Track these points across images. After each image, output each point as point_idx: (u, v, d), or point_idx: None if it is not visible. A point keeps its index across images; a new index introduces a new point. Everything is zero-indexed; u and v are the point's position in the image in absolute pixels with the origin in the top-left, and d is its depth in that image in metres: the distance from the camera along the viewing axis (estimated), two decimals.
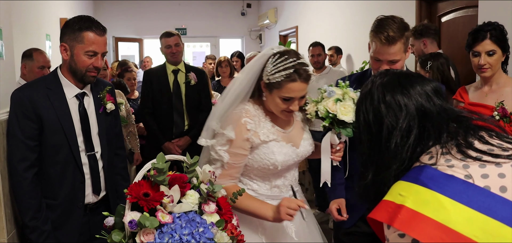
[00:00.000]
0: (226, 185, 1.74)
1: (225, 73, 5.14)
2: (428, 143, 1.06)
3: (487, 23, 2.32)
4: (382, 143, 1.09)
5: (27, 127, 1.85)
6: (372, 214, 1.02)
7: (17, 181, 1.87)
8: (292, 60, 1.69)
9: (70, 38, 1.91)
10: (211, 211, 1.36)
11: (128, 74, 4.70)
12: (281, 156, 1.79)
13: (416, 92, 1.10)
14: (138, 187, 1.30)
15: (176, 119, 3.66)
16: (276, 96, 1.74)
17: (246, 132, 1.75)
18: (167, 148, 3.57)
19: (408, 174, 1.03)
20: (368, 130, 1.14)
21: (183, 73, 3.69)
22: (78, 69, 1.93)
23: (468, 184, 0.95)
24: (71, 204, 1.97)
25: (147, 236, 1.24)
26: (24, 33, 4.62)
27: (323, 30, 6.49)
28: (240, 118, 1.76)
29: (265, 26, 9.47)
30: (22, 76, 3.37)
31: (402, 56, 1.96)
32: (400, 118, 1.08)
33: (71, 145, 1.93)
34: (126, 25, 9.62)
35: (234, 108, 1.80)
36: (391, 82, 1.13)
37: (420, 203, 0.94)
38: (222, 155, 1.75)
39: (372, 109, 1.13)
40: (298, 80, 1.70)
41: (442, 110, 1.09)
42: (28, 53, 3.39)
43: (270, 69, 1.72)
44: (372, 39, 1.98)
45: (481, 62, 2.28)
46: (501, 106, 2.24)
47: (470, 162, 0.99)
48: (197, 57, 10.57)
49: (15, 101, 1.88)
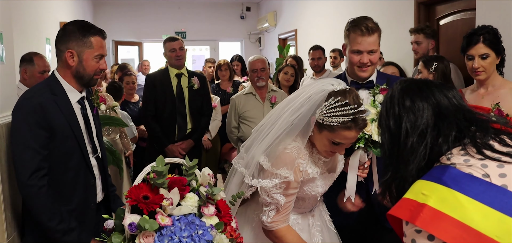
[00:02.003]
0: (281, 228, 1.72)
1: (225, 76, 5.15)
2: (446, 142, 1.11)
3: (481, 26, 2.34)
4: (401, 143, 1.16)
5: (40, 136, 1.80)
6: (393, 211, 1.06)
7: (34, 192, 1.79)
8: (352, 108, 1.59)
9: (78, 44, 1.89)
10: (210, 214, 1.36)
11: (128, 77, 4.73)
12: (322, 188, 1.81)
13: (435, 95, 1.17)
14: (138, 189, 1.31)
15: (179, 122, 3.70)
16: (326, 138, 1.66)
17: (299, 174, 1.70)
18: (171, 151, 3.61)
19: (431, 173, 1.07)
20: (389, 132, 1.21)
21: (186, 77, 3.75)
22: (87, 74, 1.93)
23: (489, 184, 0.98)
24: (85, 207, 1.97)
25: (146, 239, 1.25)
26: (23, 37, 4.64)
27: (322, 33, 6.51)
28: (294, 159, 1.67)
29: (264, 29, 9.50)
30: (22, 81, 3.38)
31: (378, 48, 2.12)
32: (418, 118, 1.15)
33: (82, 149, 1.93)
34: (126, 29, 9.64)
35: (284, 145, 1.68)
36: (410, 87, 1.21)
37: (441, 202, 0.97)
38: (278, 199, 1.67)
39: (392, 113, 1.20)
40: (354, 129, 1.61)
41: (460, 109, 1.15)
42: (28, 58, 3.39)
43: (327, 110, 1.62)
44: (349, 35, 2.13)
45: (475, 66, 2.30)
46: (497, 108, 2.25)
47: (488, 161, 1.03)
48: (196, 60, 10.58)
49: (26, 110, 1.81)
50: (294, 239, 1.74)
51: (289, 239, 1.72)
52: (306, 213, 1.90)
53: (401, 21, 4.24)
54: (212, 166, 4.41)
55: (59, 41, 1.92)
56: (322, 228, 1.91)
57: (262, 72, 3.65)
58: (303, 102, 1.69)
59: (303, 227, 1.87)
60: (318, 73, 5.10)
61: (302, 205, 1.87)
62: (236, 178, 1.83)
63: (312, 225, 1.90)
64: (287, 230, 1.73)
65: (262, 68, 3.66)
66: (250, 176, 1.72)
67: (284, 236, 1.72)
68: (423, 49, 3.52)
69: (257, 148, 1.74)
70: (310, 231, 1.88)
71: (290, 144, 1.68)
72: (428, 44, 3.50)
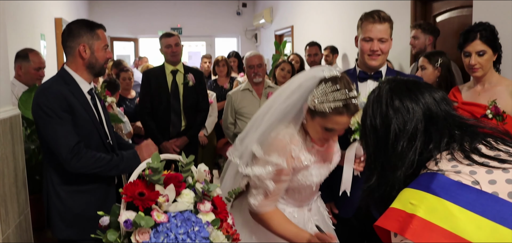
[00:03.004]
0: (268, 210, 1.72)
1: (222, 72, 5.14)
2: (434, 147, 1.06)
3: (478, 23, 2.34)
4: (389, 146, 1.10)
5: (66, 119, 1.98)
6: (380, 222, 1.00)
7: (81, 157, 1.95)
8: (344, 93, 1.59)
9: (88, 38, 2.09)
10: (207, 210, 1.36)
11: (124, 74, 4.71)
12: (317, 178, 1.79)
13: (425, 97, 1.11)
14: (133, 186, 1.30)
15: (173, 119, 3.68)
16: (318, 124, 1.66)
17: (292, 160, 1.69)
18: (165, 148, 3.59)
19: (418, 181, 1.02)
20: (375, 133, 1.14)
21: (182, 74, 3.72)
22: (99, 64, 2.13)
23: (480, 192, 0.94)
24: (106, 185, 2.15)
25: (142, 236, 1.24)
26: (18, 33, 4.60)
27: (318, 30, 6.50)
28: (286, 145, 1.67)
29: (260, 25, 9.48)
30: (17, 77, 3.35)
31: (388, 38, 2.15)
32: (407, 122, 1.09)
33: (100, 132, 2.12)
34: (122, 25, 9.60)
35: (277, 132, 1.69)
36: (399, 87, 1.15)
37: (431, 212, 0.93)
38: (267, 184, 1.68)
39: (379, 112, 1.14)
40: (346, 114, 1.61)
41: (449, 115, 1.10)
42: (23, 54, 3.37)
43: (318, 96, 1.62)
44: (361, 24, 2.17)
45: (472, 63, 2.30)
46: (494, 105, 2.26)
47: (476, 167, 0.98)
48: (192, 56, 10.55)
49: (48, 98, 1.97)
50: (281, 221, 1.73)
51: (276, 221, 1.72)
52: (303, 207, 1.89)
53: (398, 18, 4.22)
54: (208, 162, 4.40)
55: (68, 39, 2.09)
56: (319, 223, 1.90)
57: (259, 69, 3.64)
58: (294, 90, 1.70)
59: (299, 221, 1.86)
60: None
61: (298, 198, 1.86)
62: (231, 169, 1.84)
63: (308, 220, 1.89)
64: (274, 212, 1.73)
65: (258, 64, 3.65)
66: (244, 165, 1.73)
67: (270, 219, 1.71)
68: (421, 44, 3.52)
69: (250, 138, 1.75)
70: (306, 225, 1.87)
71: (282, 130, 1.69)
72: (426, 40, 3.51)
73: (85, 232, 2.02)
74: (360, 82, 2.23)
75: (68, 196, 2.06)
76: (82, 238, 2.05)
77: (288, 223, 1.74)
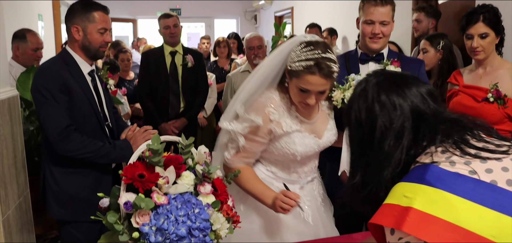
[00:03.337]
0: (239, 166, 1.75)
1: (223, 53, 5.10)
2: (422, 144, 1.02)
3: (481, 5, 2.31)
4: (375, 144, 1.06)
5: (62, 99, 1.98)
6: (375, 219, 0.96)
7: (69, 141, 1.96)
8: (317, 53, 1.61)
9: (82, 20, 2.07)
10: (207, 192, 1.36)
11: (122, 55, 4.67)
12: (302, 147, 1.77)
13: (412, 93, 1.07)
14: (133, 168, 1.30)
15: (172, 101, 3.67)
16: (294, 85, 1.68)
17: (268, 122, 1.71)
18: (164, 129, 3.59)
19: (410, 175, 0.99)
20: (360, 129, 1.10)
21: (181, 55, 3.70)
22: (92, 47, 2.09)
23: (477, 181, 0.91)
24: (103, 168, 2.13)
25: (142, 217, 1.25)
26: (15, 13, 4.55)
27: (318, 11, 6.45)
28: (264, 107, 1.71)
29: (260, 7, 9.40)
30: (14, 58, 3.33)
31: (390, 21, 2.14)
32: (394, 119, 1.05)
33: (97, 115, 2.11)
34: (120, 5, 9.48)
35: (260, 95, 1.75)
36: (386, 81, 1.11)
37: (428, 203, 0.89)
38: (239, 138, 1.73)
39: (365, 108, 1.09)
40: (317, 74, 1.61)
41: (437, 112, 1.07)
42: (20, 35, 3.34)
43: (293, 56, 1.66)
44: (363, 6, 2.16)
45: (474, 45, 2.28)
46: (496, 88, 2.24)
47: (470, 158, 0.96)
48: (191, 38, 10.48)
49: (45, 78, 1.98)
50: (250, 178, 1.76)
51: (244, 178, 1.75)
52: (293, 184, 1.86)
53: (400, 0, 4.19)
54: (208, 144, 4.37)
55: (66, 19, 2.10)
56: (311, 204, 1.88)
57: (259, 50, 3.62)
58: (276, 54, 1.76)
59: None
60: None
61: (286, 171, 1.84)
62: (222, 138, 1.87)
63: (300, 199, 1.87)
64: (244, 169, 1.75)
65: (259, 46, 3.63)
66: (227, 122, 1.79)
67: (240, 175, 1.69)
68: (423, 27, 3.49)
69: (236, 101, 1.80)
70: None
71: (263, 93, 1.75)
72: (429, 23, 3.47)
73: (78, 213, 2.10)
74: (361, 64, 2.21)
75: (62, 176, 2.09)
76: (75, 219, 2.11)
77: (257, 181, 1.77)
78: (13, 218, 2.08)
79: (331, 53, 1.65)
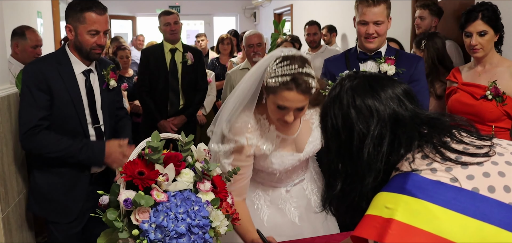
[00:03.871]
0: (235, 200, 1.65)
1: (226, 50, 5.10)
2: (400, 151, 0.99)
3: (480, 3, 2.32)
4: (354, 152, 1.02)
5: (40, 98, 1.97)
6: (357, 231, 0.93)
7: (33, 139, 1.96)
8: (294, 67, 1.53)
9: (74, 19, 2.03)
10: (206, 190, 1.36)
11: (122, 52, 4.66)
12: (280, 166, 1.74)
13: (388, 96, 1.03)
14: (133, 165, 1.30)
15: (172, 98, 3.68)
16: (272, 102, 1.60)
17: (248, 148, 1.67)
18: (163, 126, 3.60)
19: (390, 184, 0.96)
20: (337, 136, 1.06)
21: (181, 52, 3.70)
22: (83, 48, 2.06)
23: (458, 189, 0.89)
24: (78, 172, 2.11)
25: (142, 215, 1.25)
26: (14, 10, 4.54)
27: (318, 9, 6.44)
28: (242, 133, 1.66)
29: (259, 4, 9.38)
30: (14, 55, 3.32)
31: (385, 20, 2.14)
32: (371, 125, 1.01)
33: (80, 117, 2.07)
34: (119, 3, 9.47)
35: (238, 116, 1.68)
36: (361, 85, 1.06)
37: (410, 214, 0.87)
38: (226, 168, 1.65)
39: (341, 114, 1.05)
40: (295, 90, 1.53)
41: (415, 115, 1.03)
42: (19, 32, 3.33)
43: (270, 71, 1.58)
44: (358, 7, 2.17)
45: (473, 43, 2.28)
46: (494, 86, 2.25)
47: (451, 164, 0.93)
48: (190, 35, 10.46)
49: (28, 74, 1.99)
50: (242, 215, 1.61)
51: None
52: (279, 187, 1.85)
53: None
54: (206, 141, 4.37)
55: (65, 17, 2.09)
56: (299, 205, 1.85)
57: (259, 48, 3.61)
58: (253, 71, 1.67)
59: (274, 199, 1.85)
60: (314, 49, 5.06)
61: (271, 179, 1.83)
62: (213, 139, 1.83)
63: (286, 201, 1.85)
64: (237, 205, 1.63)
65: (258, 44, 3.62)
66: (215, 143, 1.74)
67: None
68: (426, 25, 3.47)
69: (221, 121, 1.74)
70: (279, 205, 1.84)
71: (241, 116, 1.67)
72: (432, 21, 3.46)
73: (51, 213, 2.13)
74: (360, 63, 2.22)
75: (39, 174, 2.12)
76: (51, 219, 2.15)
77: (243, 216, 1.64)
78: (13, 216, 2.08)
79: (309, 68, 1.56)
